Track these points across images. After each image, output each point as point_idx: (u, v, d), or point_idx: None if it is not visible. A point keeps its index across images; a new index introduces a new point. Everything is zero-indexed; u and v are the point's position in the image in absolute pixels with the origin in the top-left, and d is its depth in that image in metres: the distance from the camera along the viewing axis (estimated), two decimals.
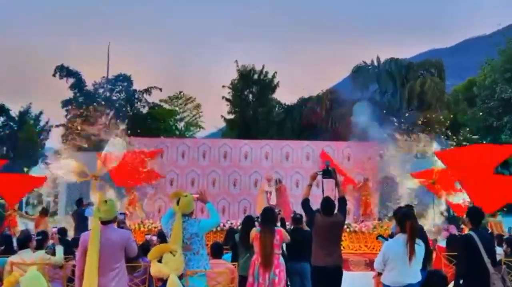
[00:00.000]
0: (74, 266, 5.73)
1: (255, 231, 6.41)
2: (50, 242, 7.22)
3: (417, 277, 5.13)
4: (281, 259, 6.40)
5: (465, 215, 6.04)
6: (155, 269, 3.77)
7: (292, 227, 7.47)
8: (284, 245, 6.70)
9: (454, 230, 11.26)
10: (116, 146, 13.50)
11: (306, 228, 6.71)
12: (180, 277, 4.68)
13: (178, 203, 5.18)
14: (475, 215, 5.72)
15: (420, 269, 5.15)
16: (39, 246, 6.75)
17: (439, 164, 12.77)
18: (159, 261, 4.51)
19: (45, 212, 12.92)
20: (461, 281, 5.40)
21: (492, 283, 5.30)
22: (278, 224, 6.99)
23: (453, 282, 5.88)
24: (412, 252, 5.00)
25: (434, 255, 8.26)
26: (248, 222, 7.03)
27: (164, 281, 3.81)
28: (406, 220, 5.07)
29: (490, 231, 10.37)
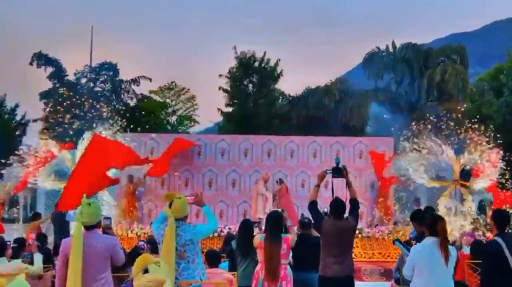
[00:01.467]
0: (54, 276, 5.73)
1: (258, 239, 6.40)
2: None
3: (451, 284, 5.22)
4: (289, 270, 6.39)
5: (490, 219, 6.07)
6: (145, 280, 3.72)
7: (299, 233, 7.45)
8: (291, 253, 6.70)
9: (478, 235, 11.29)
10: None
11: (316, 234, 6.69)
12: None
13: (170, 206, 5.18)
14: (501, 217, 5.73)
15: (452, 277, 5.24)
16: (15, 254, 6.78)
17: None
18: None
19: (37, 217, 12.92)
20: None
21: None
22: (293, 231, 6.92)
23: None
24: (447, 254, 5.11)
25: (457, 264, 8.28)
26: (246, 226, 7.03)
27: None
28: (438, 222, 5.24)
29: None
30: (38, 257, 6.64)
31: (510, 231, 6.26)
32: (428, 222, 5.38)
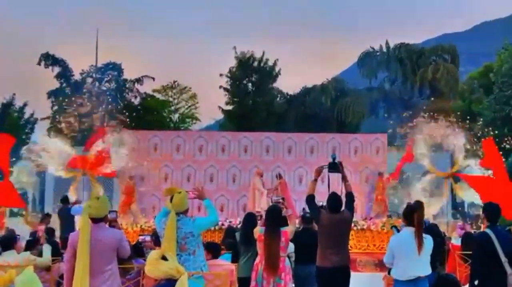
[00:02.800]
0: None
1: (258, 232, 6.31)
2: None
3: (427, 270, 5.27)
4: (287, 262, 6.32)
5: (481, 212, 6.07)
6: (167, 265, 3.63)
7: (302, 227, 7.40)
8: (292, 247, 6.64)
9: (468, 228, 11.29)
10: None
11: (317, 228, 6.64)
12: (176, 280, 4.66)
13: (171, 200, 5.18)
14: (492, 211, 5.72)
15: (429, 262, 5.25)
16: (29, 247, 6.74)
17: None
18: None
19: (47, 218, 12.84)
20: (476, 282, 5.41)
21: (509, 284, 5.32)
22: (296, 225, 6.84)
23: (468, 284, 5.90)
24: (420, 243, 5.17)
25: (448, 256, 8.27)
26: (250, 219, 6.96)
27: (158, 281, 3.77)
28: (413, 213, 5.26)
29: (508, 229, 10.38)
30: (47, 249, 6.62)
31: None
32: (404, 213, 5.43)
